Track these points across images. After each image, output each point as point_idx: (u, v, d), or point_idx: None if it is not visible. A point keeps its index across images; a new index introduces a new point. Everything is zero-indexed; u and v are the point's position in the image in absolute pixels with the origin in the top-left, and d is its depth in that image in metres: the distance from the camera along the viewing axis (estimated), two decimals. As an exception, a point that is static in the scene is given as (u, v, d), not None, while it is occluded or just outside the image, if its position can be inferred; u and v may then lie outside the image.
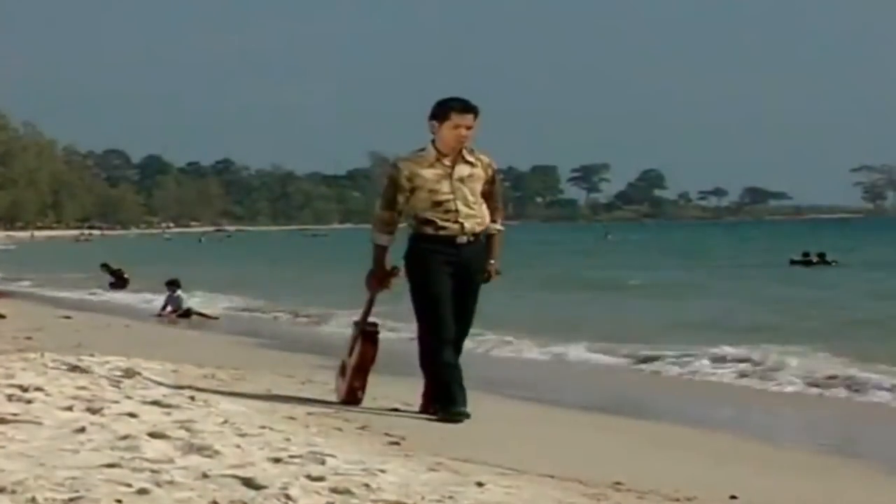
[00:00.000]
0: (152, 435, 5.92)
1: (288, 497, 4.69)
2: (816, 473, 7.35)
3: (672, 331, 17.44)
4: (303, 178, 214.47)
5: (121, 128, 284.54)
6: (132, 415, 6.64)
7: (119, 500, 4.44)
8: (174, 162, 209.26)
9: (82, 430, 6.03)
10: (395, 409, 8.35)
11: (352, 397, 8.24)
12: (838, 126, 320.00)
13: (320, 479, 5.10)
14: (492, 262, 7.96)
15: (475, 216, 7.83)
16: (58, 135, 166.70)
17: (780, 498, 6.16)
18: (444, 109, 7.79)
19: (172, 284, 22.50)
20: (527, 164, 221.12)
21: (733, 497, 5.88)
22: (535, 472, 5.97)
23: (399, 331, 13.79)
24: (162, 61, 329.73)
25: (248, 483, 4.88)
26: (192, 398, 7.78)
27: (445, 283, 7.77)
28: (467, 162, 7.84)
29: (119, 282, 31.02)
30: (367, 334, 8.19)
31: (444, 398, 7.82)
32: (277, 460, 5.49)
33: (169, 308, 22.09)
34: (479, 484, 5.34)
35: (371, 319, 8.30)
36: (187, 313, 21.79)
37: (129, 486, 4.69)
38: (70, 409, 6.76)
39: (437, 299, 7.77)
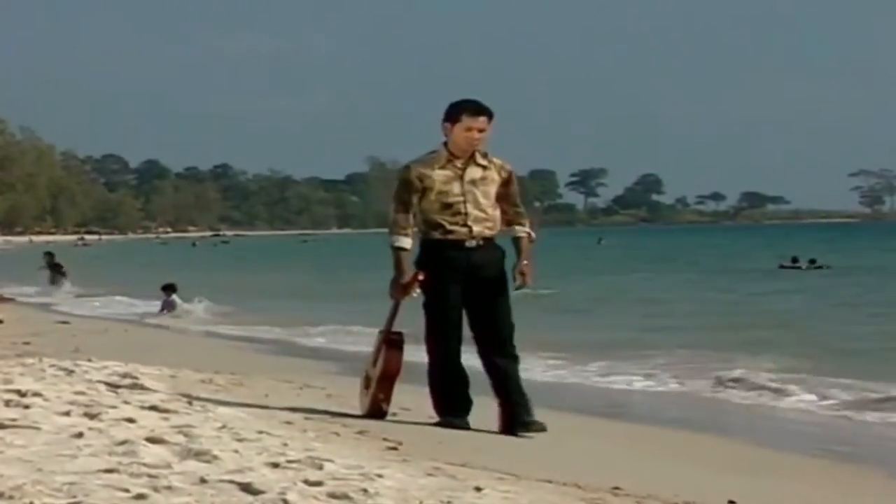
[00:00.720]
0: (150, 440, 5.91)
1: (286, 502, 4.68)
2: (814, 478, 7.35)
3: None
4: (301, 182, 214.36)
5: (119, 133, 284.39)
6: (130, 420, 6.64)
7: (117, 506, 4.43)
8: (172, 167, 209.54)
9: (80, 435, 6.02)
10: (393, 415, 8.34)
11: (376, 410, 7.86)
12: (837, 130, 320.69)
13: (318, 483, 5.09)
14: (525, 263, 7.69)
15: (485, 220, 7.66)
16: (56, 140, 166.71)
17: (778, 501, 6.17)
18: (456, 111, 7.65)
19: (168, 289, 22.91)
20: (524, 168, 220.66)
21: (732, 502, 5.88)
22: (533, 477, 5.97)
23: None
24: (161, 66, 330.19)
25: (246, 488, 4.88)
26: (190, 403, 7.78)
27: (453, 290, 7.61)
28: (479, 165, 7.70)
29: (57, 276, 32.52)
30: (391, 343, 7.82)
31: (445, 406, 7.72)
32: (275, 465, 5.49)
33: (165, 311, 22.54)
34: (477, 489, 5.34)
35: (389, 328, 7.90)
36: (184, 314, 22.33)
37: (127, 491, 4.69)
38: (68, 414, 6.75)
39: (444, 307, 7.62)
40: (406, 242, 7.68)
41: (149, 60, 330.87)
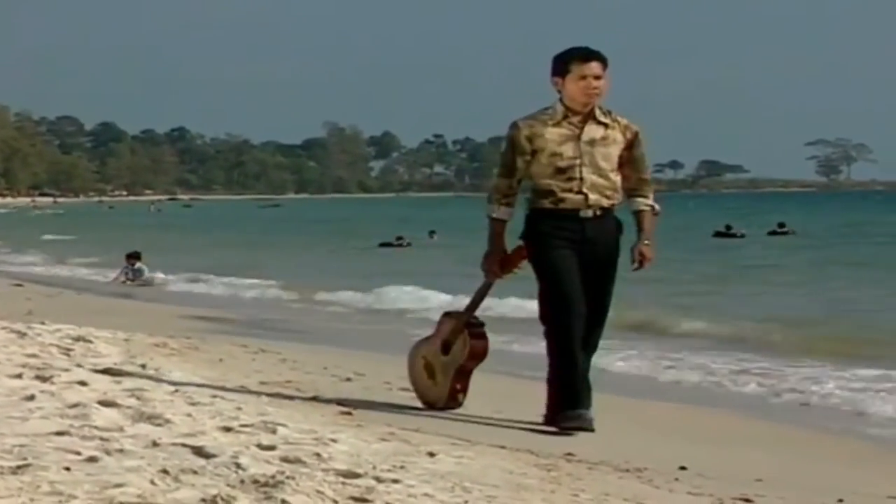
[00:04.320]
0: (102, 403, 5.89)
1: (238, 466, 4.67)
2: (764, 444, 7.40)
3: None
4: (258, 147, 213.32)
5: (75, 94, 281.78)
6: (82, 383, 6.61)
7: (68, 468, 4.41)
8: (128, 129, 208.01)
9: (32, 397, 6.00)
10: (348, 379, 8.35)
11: (452, 401, 7.14)
12: (795, 99, 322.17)
13: (271, 448, 5.09)
14: (646, 242, 6.79)
15: (604, 187, 6.75)
16: (10, 101, 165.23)
17: (729, 468, 6.21)
18: (562, 62, 6.79)
19: (133, 257, 22.75)
20: (483, 134, 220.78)
21: (682, 468, 5.92)
22: (486, 443, 5.99)
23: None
24: (118, 27, 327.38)
25: (199, 452, 4.87)
26: (144, 367, 7.76)
27: (569, 257, 6.67)
28: (601, 123, 6.79)
29: None
30: (476, 331, 7.05)
31: (571, 397, 6.73)
32: (228, 429, 5.48)
33: (128, 280, 22.35)
34: (431, 454, 5.35)
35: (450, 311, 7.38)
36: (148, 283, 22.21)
37: (79, 453, 4.67)
38: (20, 376, 6.72)
39: (560, 277, 6.67)
40: (504, 213, 6.81)
41: (106, 22, 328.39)
